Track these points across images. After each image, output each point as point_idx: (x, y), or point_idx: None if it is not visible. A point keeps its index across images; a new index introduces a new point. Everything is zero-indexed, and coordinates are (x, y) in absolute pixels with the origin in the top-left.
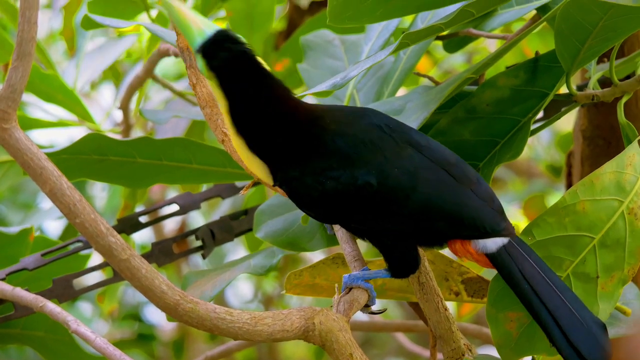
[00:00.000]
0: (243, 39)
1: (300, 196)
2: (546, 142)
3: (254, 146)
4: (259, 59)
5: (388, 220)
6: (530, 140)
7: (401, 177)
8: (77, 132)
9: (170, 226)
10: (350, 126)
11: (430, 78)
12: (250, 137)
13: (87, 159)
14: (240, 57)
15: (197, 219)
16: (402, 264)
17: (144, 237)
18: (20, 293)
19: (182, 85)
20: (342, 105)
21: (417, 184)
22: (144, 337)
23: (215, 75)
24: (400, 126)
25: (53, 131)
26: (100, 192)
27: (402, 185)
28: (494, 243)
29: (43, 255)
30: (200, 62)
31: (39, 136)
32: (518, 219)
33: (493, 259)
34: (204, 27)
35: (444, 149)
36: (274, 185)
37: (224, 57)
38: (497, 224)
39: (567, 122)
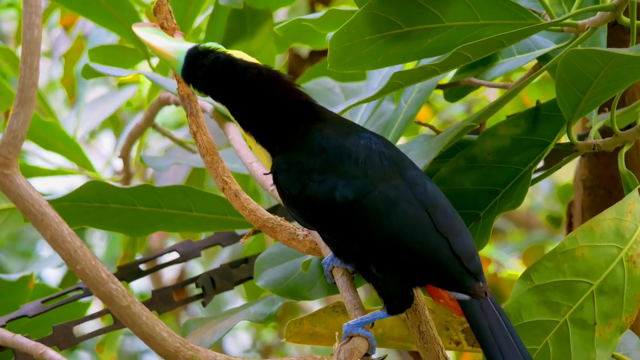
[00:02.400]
0: (215, 46)
1: (282, 190)
2: (546, 192)
3: (259, 139)
4: (236, 56)
5: (356, 239)
6: (529, 190)
7: (379, 200)
8: (76, 181)
9: (169, 274)
10: (344, 137)
11: (430, 127)
12: (254, 131)
13: (88, 206)
14: (215, 66)
15: (196, 267)
16: (394, 300)
17: (142, 285)
18: (21, 340)
19: (181, 134)
20: (353, 122)
21: (393, 213)
22: None
23: (205, 93)
24: (401, 159)
25: (52, 179)
26: (99, 240)
27: (378, 209)
28: None
29: (43, 302)
30: (191, 88)
31: (37, 184)
32: (518, 270)
33: (464, 306)
34: (177, 55)
35: (440, 194)
36: (267, 173)
37: (202, 74)
38: (464, 282)
39: (566, 172)
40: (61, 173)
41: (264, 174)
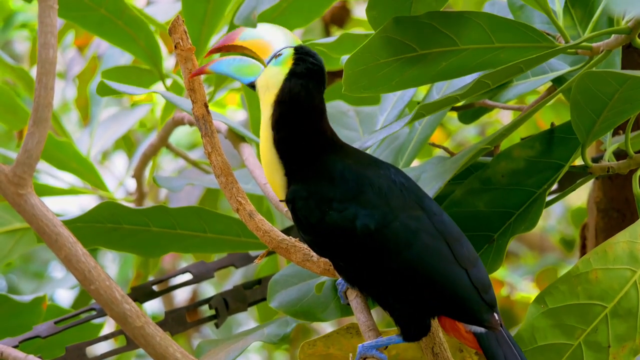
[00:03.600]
0: None
1: (300, 217)
2: (559, 215)
3: (281, 148)
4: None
5: (375, 269)
6: (543, 213)
7: (400, 230)
8: (88, 201)
9: (181, 296)
10: (365, 168)
11: (445, 149)
12: (282, 138)
13: (101, 227)
14: (323, 74)
15: (208, 289)
16: (410, 328)
17: (154, 307)
18: None
19: (195, 155)
20: (370, 154)
21: (414, 244)
22: None
23: (294, 63)
24: (418, 190)
25: (63, 199)
26: (111, 262)
27: (399, 239)
28: None
29: (56, 323)
30: (286, 52)
31: (49, 204)
32: (530, 292)
33: (481, 339)
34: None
35: (454, 225)
36: (282, 200)
37: (318, 60)
38: (481, 314)
39: (579, 196)
40: (74, 192)
41: (280, 201)
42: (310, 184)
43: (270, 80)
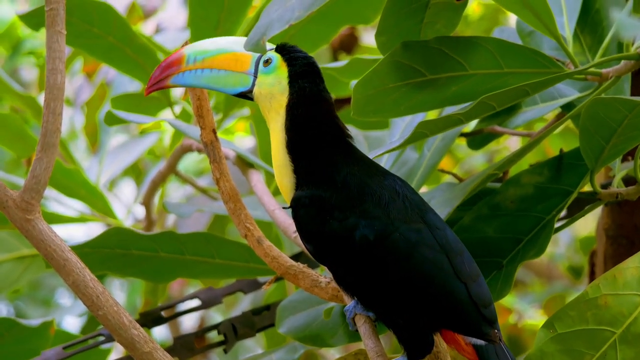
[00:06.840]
0: None
1: (302, 225)
2: (567, 243)
3: (294, 151)
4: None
5: (374, 279)
6: (551, 240)
7: (400, 242)
8: (96, 228)
9: (188, 323)
10: (370, 177)
11: (454, 175)
12: (297, 139)
13: (110, 252)
14: (316, 64)
15: (215, 316)
16: (414, 345)
17: (162, 334)
18: None
19: (203, 182)
20: (380, 165)
21: (413, 256)
22: None
23: (289, 65)
24: (422, 204)
25: (72, 227)
26: (118, 290)
27: (398, 250)
28: None
29: (64, 348)
30: (274, 57)
31: (57, 231)
32: (538, 320)
33: (480, 352)
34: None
35: (458, 240)
36: (285, 207)
37: (304, 52)
38: (480, 327)
39: (586, 224)
40: (83, 220)
41: (283, 207)
42: (313, 189)
43: (274, 88)
